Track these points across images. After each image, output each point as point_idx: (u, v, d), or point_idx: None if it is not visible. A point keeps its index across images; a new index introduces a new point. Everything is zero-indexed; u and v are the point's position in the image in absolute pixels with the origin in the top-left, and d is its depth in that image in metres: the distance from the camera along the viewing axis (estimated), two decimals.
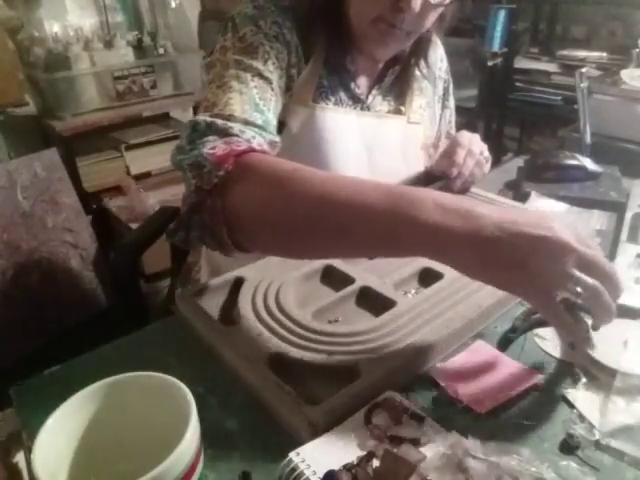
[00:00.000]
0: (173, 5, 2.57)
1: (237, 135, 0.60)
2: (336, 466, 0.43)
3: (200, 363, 0.59)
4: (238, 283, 0.69)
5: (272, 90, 0.72)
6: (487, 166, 0.95)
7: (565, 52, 2.25)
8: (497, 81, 2.37)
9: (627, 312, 0.62)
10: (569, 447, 0.47)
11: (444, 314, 0.61)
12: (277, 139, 0.67)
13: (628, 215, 0.85)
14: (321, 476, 0.42)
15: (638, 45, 1.52)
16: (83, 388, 0.44)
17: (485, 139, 0.95)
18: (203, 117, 0.62)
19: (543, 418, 0.50)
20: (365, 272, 0.70)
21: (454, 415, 0.51)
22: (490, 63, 2.30)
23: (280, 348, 0.56)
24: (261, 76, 0.70)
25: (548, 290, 0.46)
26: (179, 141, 0.62)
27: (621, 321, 0.61)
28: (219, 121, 0.61)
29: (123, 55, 2.28)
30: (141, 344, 0.63)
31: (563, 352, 0.58)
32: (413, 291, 0.69)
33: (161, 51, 2.39)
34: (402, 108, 0.92)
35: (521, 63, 2.33)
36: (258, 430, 0.51)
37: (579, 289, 0.46)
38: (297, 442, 0.46)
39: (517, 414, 0.51)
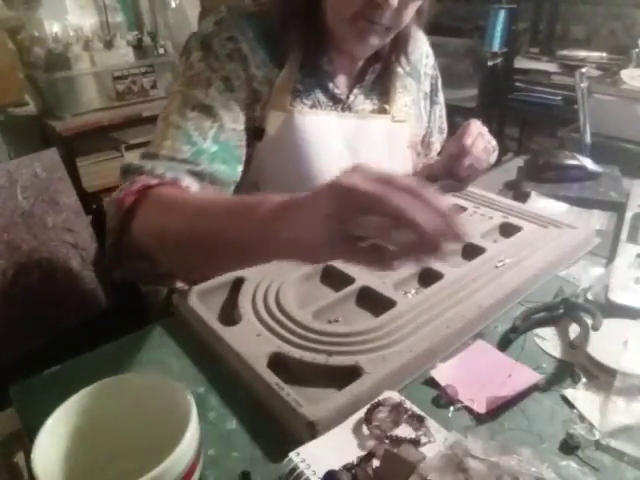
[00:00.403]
0: (173, 5, 2.57)
1: (149, 173, 0.65)
2: (336, 466, 0.43)
3: (200, 363, 0.59)
4: (238, 283, 0.69)
5: (214, 117, 0.73)
6: (494, 155, 0.94)
7: (565, 52, 2.26)
8: (497, 81, 2.37)
9: (627, 312, 0.62)
10: (569, 447, 0.47)
11: (444, 314, 0.61)
12: (205, 166, 0.69)
13: (628, 215, 0.85)
14: (321, 476, 0.42)
15: (638, 45, 1.52)
16: (83, 388, 0.45)
17: None
18: (127, 161, 0.68)
19: (543, 418, 0.50)
20: (365, 272, 0.70)
21: (454, 415, 0.51)
22: (490, 63, 2.31)
23: (280, 348, 0.56)
24: (201, 106, 0.72)
25: (339, 238, 0.43)
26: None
27: (621, 321, 0.61)
28: (135, 163, 0.67)
29: (123, 55, 2.28)
30: (141, 344, 0.63)
31: (563, 352, 0.58)
32: (413, 291, 0.69)
33: (161, 51, 2.39)
34: (386, 107, 0.91)
35: (521, 63, 2.33)
36: (258, 430, 0.51)
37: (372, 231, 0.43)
38: (297, 442, 0.46)
39: (517, 414, 0.51)
